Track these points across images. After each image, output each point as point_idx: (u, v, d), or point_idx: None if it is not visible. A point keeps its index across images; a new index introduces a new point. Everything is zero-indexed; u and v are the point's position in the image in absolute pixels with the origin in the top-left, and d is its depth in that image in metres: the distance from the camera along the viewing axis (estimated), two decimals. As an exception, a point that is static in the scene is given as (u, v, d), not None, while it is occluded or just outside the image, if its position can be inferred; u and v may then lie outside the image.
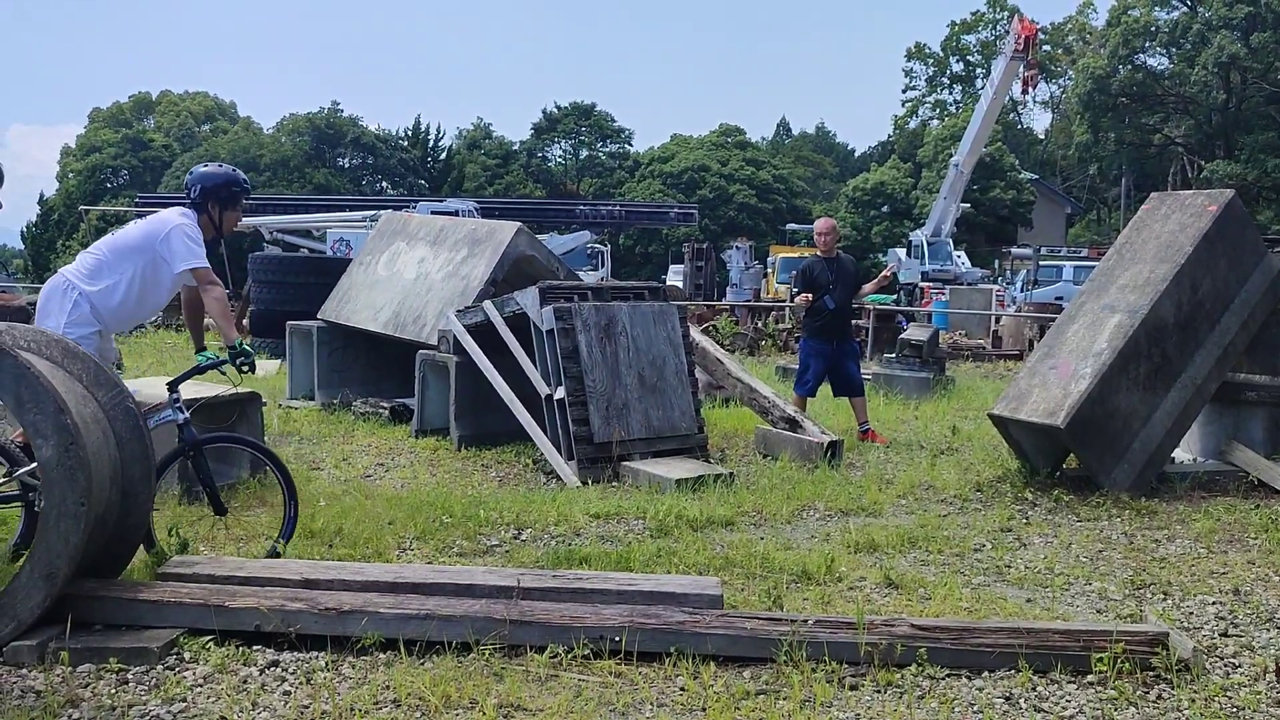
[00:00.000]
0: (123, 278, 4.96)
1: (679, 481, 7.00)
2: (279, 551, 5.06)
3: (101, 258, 5.00)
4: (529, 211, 37.44)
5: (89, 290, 4.92)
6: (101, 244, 5.13)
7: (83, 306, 4.89)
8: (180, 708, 3.58)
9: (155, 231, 5.02)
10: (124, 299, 4.96)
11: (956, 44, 63.82)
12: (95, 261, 4.99)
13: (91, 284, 4.92)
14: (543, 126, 64.56)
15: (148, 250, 5.00)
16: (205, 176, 5.27)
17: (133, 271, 4.99)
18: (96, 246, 5.13)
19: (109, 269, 4.96)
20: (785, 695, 3.74)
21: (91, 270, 4.94)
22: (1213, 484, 7.33)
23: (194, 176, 5.30)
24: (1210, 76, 45.28)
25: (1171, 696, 3.78)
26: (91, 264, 4.97)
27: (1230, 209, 7.51)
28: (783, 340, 19.16)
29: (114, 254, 5.00)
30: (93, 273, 4.94)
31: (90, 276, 4.93)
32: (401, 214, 13.35)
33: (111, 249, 5.02)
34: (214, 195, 5.25)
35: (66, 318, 4.85)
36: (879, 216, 50.42)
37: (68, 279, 4.97)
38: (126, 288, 4.96)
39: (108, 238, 5.19)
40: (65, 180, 60.97)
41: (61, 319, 4.84)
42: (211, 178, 5.27)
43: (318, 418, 9.68)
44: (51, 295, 4.98)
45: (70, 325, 4.86)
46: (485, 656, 3.97)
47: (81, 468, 3.89)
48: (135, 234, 5.06)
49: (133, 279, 4.98)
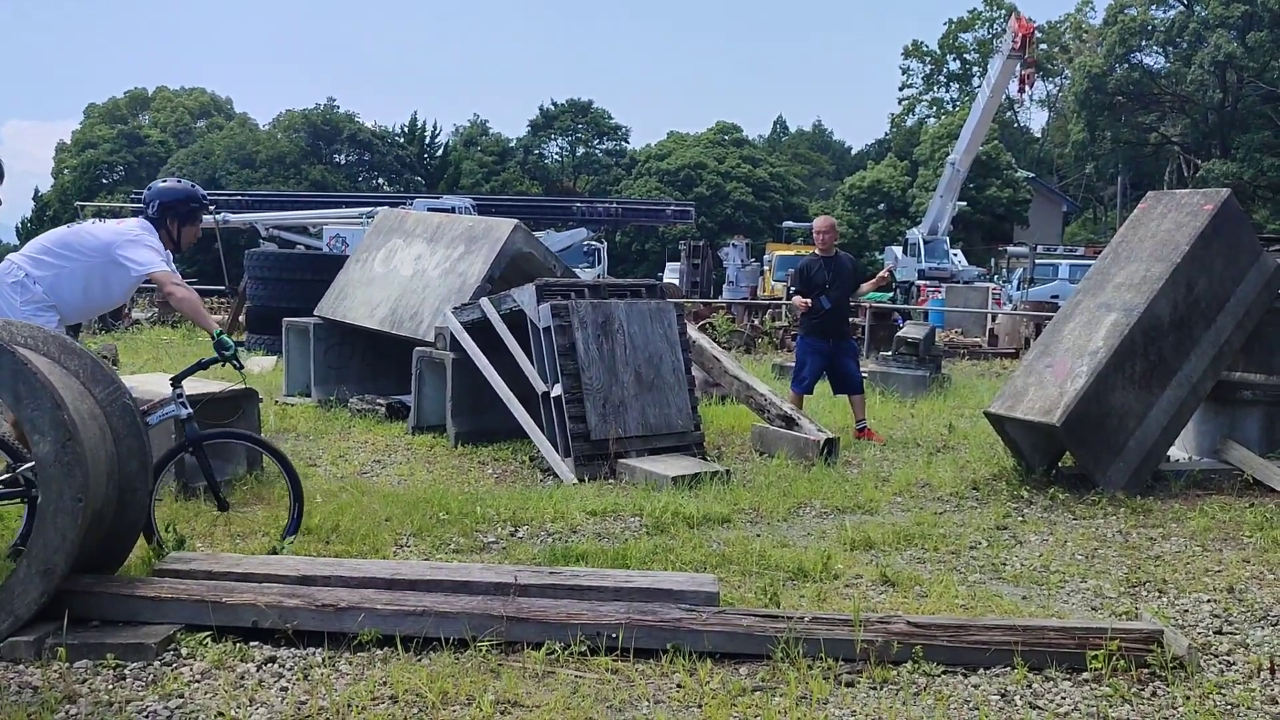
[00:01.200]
0: (73, 270, 5.06)
1: (676, 479, 7.01)
2: (280, 549, 5.07)
3: (50, 249, 5.11)
4: (526, 208, 37.43)
5: (38, 275, 5.02)
6: (53, 236, 5.21)
7: (34, 289, 4.99)
8: (177, 704, 3.59)
9: (113, 240, 5.12)
10: (71, 289, 5.07)
11: (953, 42, 63.83)
12: (42, 249, 5.11)
13: (39, 270, 5.03)
14: (539, 123, 64.51)
15: (104, 253, 5.10)
16: (164, 192, 5.36)
17: (86, 267, 5.08)
18: (47, 237, 5.21)
19: (55, 258, 5.07)
20: (781, 692, 3.75)
21: (37, 259, 5.07)
22: (1208, 482, 7.34)
23: (153, 192, 5.38)
24: (1206, 75, 45.37)
25: (1166, 694, 3.80)
26: (39, 251, 5.10)
27: (1226, 208, 7.52)
28: (779, 338, 19.17)
29: (65, 248, 5.09)
30: (38, 262, 5.06)
31: (37, 264, 5.05)
32: (398, 211, 13.35)
33: (62, 243, 5.11)
34: (172, 210, 5.34)
35: (21, 299, 4.96)
36: (875, 214, 50.43)
37: (15, 263, 5.07)
38: (73, 280, 5.06)
39: (61, 230, 5.29)
40: (61, 176, 60.81)
41: (16, 300, 4.95)
42: (170, 193, 5.37)
43: (314, 414, 9.68)
44: (2, 280, 5.06)
45: (27, 304, 4.97)
46: (482, 653, 3.98)
47: (79, 463, 3.89)
48: (92, 234, 5.16)
49: (87, 273, 5.08)
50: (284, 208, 34.51)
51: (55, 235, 5.28)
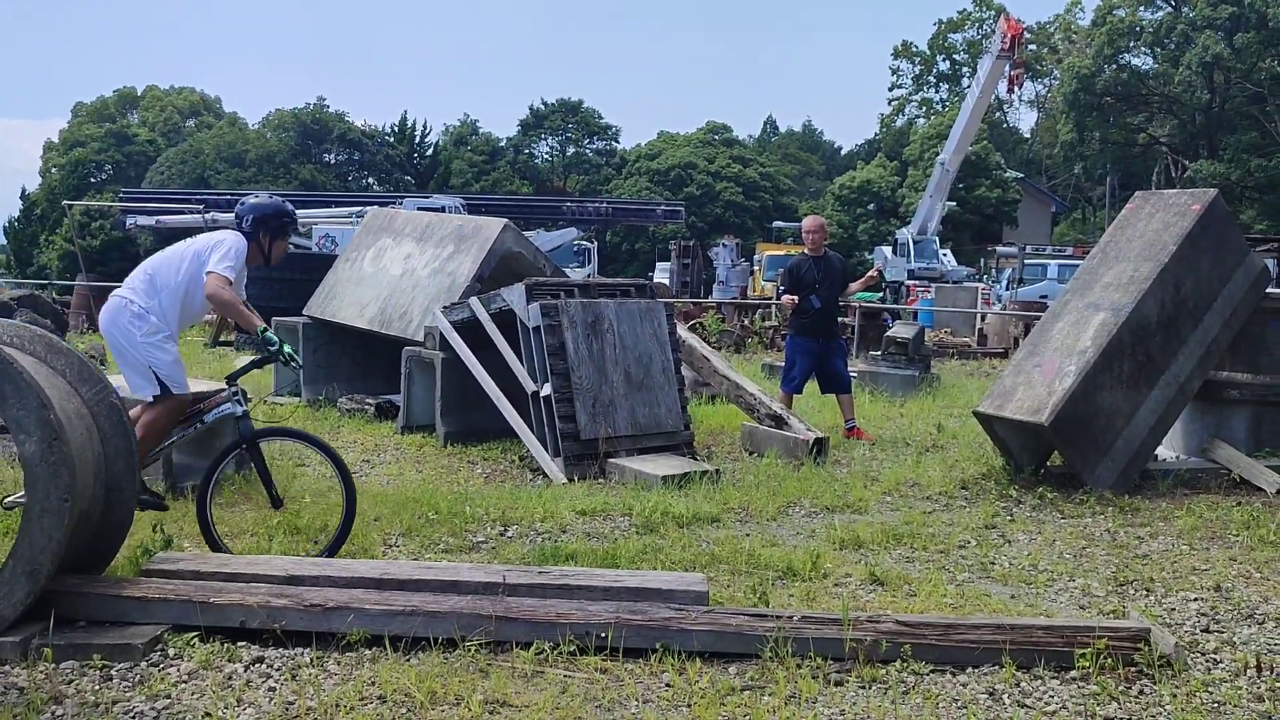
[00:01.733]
0: (174, 289, 5.23)
1: (665, 478, 7.01)
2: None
3: (155, 275, 5.27)
4: (516, 208, 37.37)
5: (151, 304, 5.19)
6: (153, 262, 5.38)
7: (151, 319, 5.16)
8: (164, 704, 3.57)
9: (201, 250, 5.29)
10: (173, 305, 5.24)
11: (943, 43, 63.96)
12: (147, 278, 5.26)
13: (149, 299, 5.19)
14: (529, 123, 64.42)
15: (196, 265, 5.26)
16: (257, 207, 5.47)
17: (184, 283, 5.24)
18: (149, 265, 5.37)
19: (162, 282, 5.23)
20: (770, 691, 3.75)
21: (146, 288, 5.21)
22: (1195, 481, 7.37)
23: (246, 207, 5.50)
24: (1194, 76, 45.54)
25: (1153, 692, 3.81)
26: (145, 280, 5.25)
27: (1213, 208, 7.55)
28: (769, 338, 19.18)
29: (168, 270, 5.25)
30: (148, 289, 5.21)
31: (146, 293, 5.20)
32: (388, 210, 13.31)
33: (164, 266, 5.28)
34: (265, 225, 5.45)
35: (140, 332, 5.13)
36: (865, 214, 50.49)
37: (126, 299, 5.22)
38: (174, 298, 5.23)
39: (158, 254, 5.44)
40: (48, 175, 60.52)
41: (136, 334, 5.12)
42: (263, 208, 5.48)
43: (303, 414, 9.65)
44: (116, 318, 5.21)
45: (147, 336, 5.14)
46: (471, 653, 3.97)
47: (65, 464, 3.87)
48: (189, 251, 5.33)
49: (186, 287, 5.24)
50: (273, 207, 34.28)
51: (154, 261, 5.41)
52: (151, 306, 5.17)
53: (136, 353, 5.13)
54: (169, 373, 5.15)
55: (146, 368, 5.13)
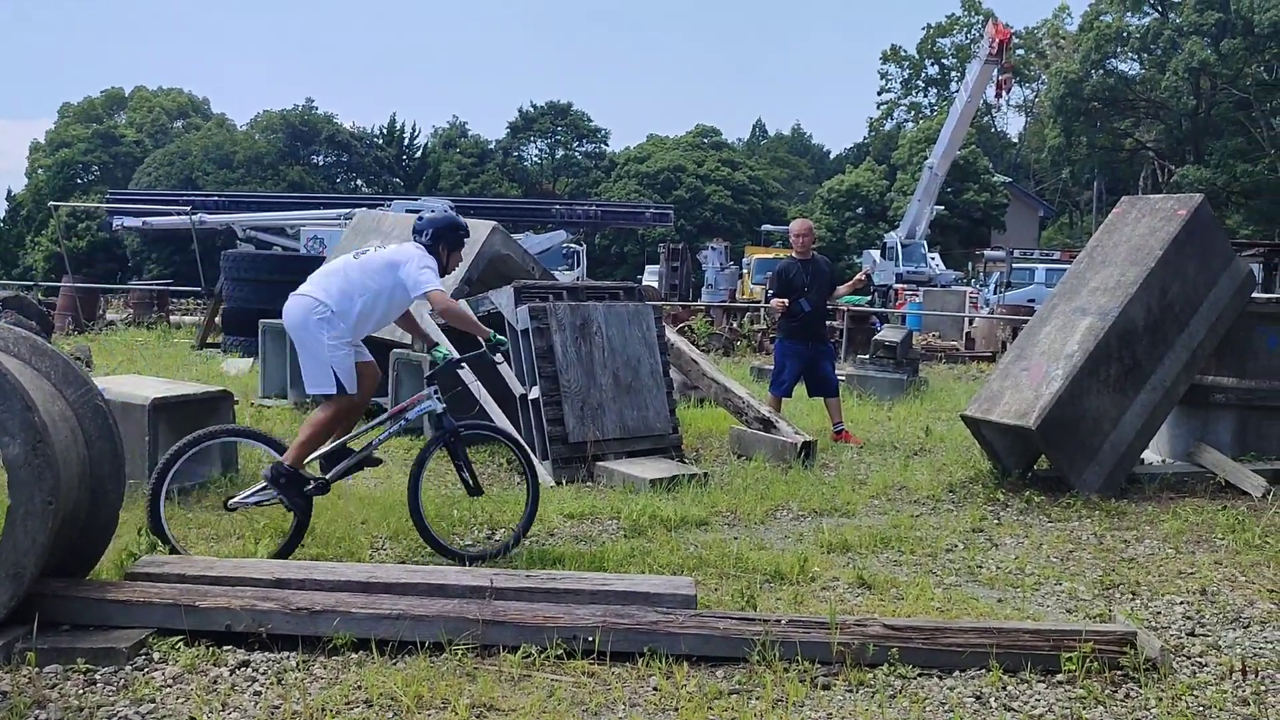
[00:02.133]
0: (366, 296, 5.45)
1: (653, 482, 7.01)
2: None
3: (350, 280, 5.48)
4: (504, 211, 37.34)
5: (340, 310, 5.38)
6: (345, 269, 5.55)
7: (338, 325, 5.36)
8: (149, 708, 3.55)
9: (398, 263, 5.50)
10: (363, 313, 5.47)
11: (932, 47, 64.19)
12: (341, 284, 5.46)
13: (340, 305, 5.38)
14: (518, 125, 64.39)
15: (392, 277, 5.48)
16: (436, 221, 5.75)
17: (376, 294, 5.47)
18: (340, 271, 5.54)
19: (357, 289, 5.44)
20: (758, 695, 3.75)
21: (340, 292, 5.42)
22: (1181, 485, 7.40)
23: (426, 222, 5.76)
24: (1180, 82, 45.79)
25: (1139, 695, 3.82)
26: (340, 285, 5.44)
27: (1199, 214, 7.58)
28: (758, 341, 19.20)
29: (363, 278, 5.47)
30: (341, 295, 5.41)
31: (340, 299, 5.40)
32: (376, 212, 13.30)
33: (359, 274, 5.49)
34: (443, 238, 5.67)
35: (328, 335, 5.33)
36: (854, 218, 50.61)
37: (319, 300, 5.39)
38: (365, 304, 5.47)
39: (346, 262, 5.62)
40: (34, 176, 60.23)
41: (323, 337, 5.32)
42: (442, 222, 5.76)
43: (290, 417, 9.61)
44: (306, 320, 5.38)
45: (334, 340, 5.34)
46: (458, 657, 3.96)
47: (49, 466, 3.84)
48: (379, 261, 5.55)
49: (376, 296, 5.47)
50: (261, 209, 34.31)
51: (345, 268, 5.55)
52: (341, 313, 5.38)
53: (322, 351, 5.34)
54: (346, 373, 5.36)
55: (328, 366, 5.34)
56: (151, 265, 48.39)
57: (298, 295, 5.47)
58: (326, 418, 5.39)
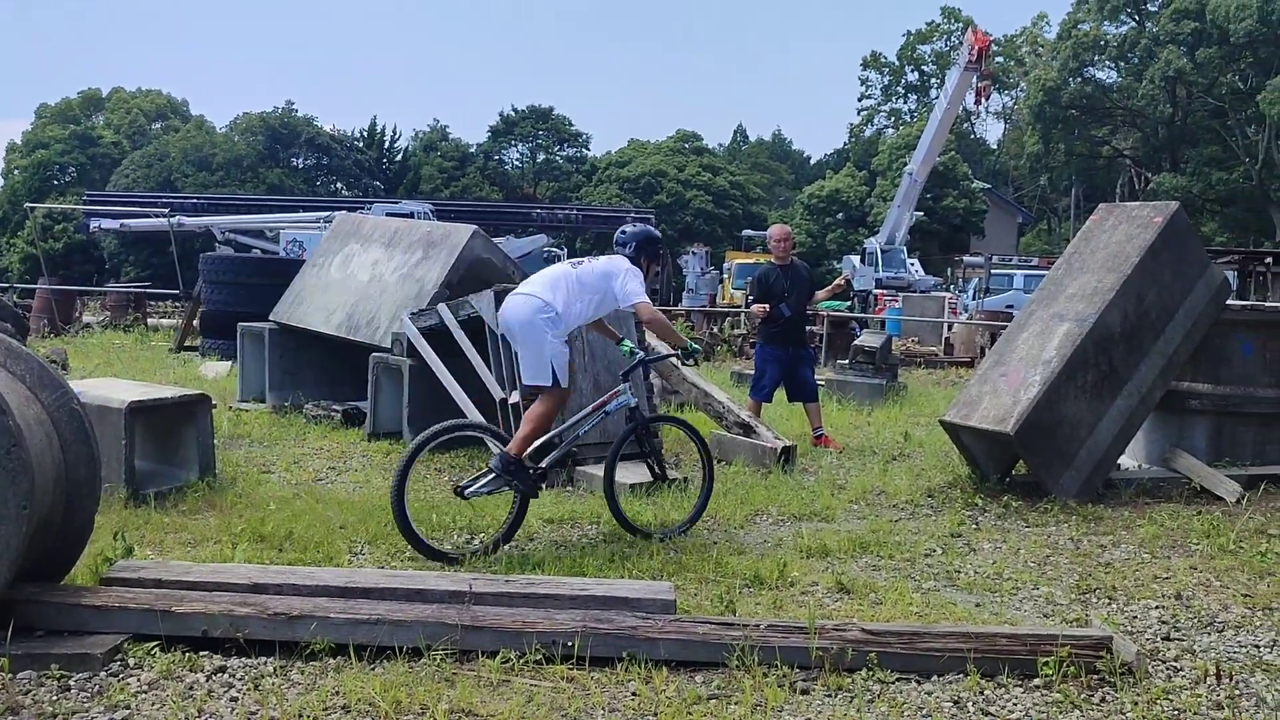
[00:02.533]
0: (581, 303, 5.93)
1: (633, 486, 7.00)
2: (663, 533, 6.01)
3: (571, 288, 5.93)
4: (485, 214, 37.33)
5: (563, 312, 5.83)
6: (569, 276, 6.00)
7: (560, 325, 5.82)
8: (124, 715, 3.52)
9: (612, 273, 6.00)
10: (578, 316, 5.97)
11: (912, 54, 64.58)
12: (569, 289, 5.92)
13: (566, 308, 5.84)
14: (500, 129, 64.26)
15: (604, 285, 5.97)
16: (637, 235, 6.27)
17: (589, 298, 5.96)
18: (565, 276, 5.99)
19: (577, 296, 5.91)
20: (737, 700, 3.76)
21: (567, 297, 5.87)
22: (1157, 490, 7.46)
23: (628, 235, 6.27)
24: (1157, 90, 46.22)
25: (1115, 699, 3.85)
26: (565, 291, 5.90)
27: (1175, 221, 7.65)
28: (738, 346, 19.24)
29: (582, 286, 5.94)
30: (568, 300, 5.87)
31: (566, 303, 5.85)
32: (356, 215, 13.25)
33: (579, 281, 5.95)
34: (645, 250, 6.21)
35: (552, 334, 5.76)
36: (834, 224, 50.81)
37: (546, 302, 5.82)
38: (581, 309, 5.95)
39: (566, 269, 6.09)
40: (10, 177, 59.66)
41: (548, 334, 5.74)
42: (642, 235, 6.29)
43: (269, 420, 9.57)
44: (534, 318, 5.78)
45: (556, 339, 5.78)
46: (437, 662, 3.95)
47: (24, 470, 3.81)
48: (596, 271, 6.02)
49: (588, 303, 5.96)
50: (240, 211, 34.18)
51: (567, 276, 5.98)
52: (563, 315, 5.82)
53: (545, 348, 5.73)
54: (562, 369, 5.78)
55: (548, 362, 5.72)
56: (129, 267, 48.01)
57: (523, 295, 5.90)
58: (546, 410, 5.75)
